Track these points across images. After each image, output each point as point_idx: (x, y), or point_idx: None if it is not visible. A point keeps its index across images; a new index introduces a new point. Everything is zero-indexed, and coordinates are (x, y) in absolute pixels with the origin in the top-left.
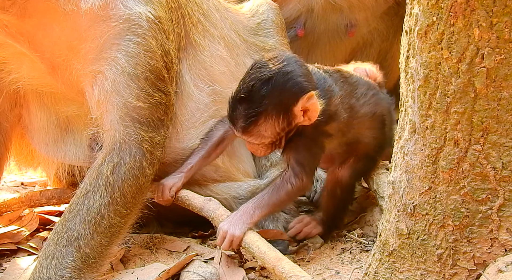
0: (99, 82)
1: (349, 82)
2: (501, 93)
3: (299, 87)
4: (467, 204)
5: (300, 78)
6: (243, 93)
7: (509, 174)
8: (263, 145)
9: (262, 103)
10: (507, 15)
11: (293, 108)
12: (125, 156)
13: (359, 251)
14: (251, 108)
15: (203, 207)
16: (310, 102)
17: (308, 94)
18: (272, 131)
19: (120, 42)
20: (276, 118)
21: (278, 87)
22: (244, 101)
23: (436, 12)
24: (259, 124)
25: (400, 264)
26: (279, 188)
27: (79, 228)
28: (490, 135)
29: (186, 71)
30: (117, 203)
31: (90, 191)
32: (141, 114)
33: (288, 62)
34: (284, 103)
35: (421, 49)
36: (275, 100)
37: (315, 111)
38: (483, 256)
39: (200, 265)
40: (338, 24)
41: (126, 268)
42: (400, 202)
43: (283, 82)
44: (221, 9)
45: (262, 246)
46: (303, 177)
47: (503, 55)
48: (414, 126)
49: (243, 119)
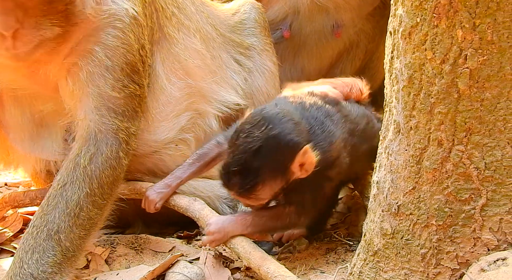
0: (74, 73)
1: (350, 120)
2: (484, 94)
3: (292, 146)
4: (450, 204)
5: (289, 136)
6: (235, 167)
7: (492, 174)
8: (262, 204)
9: (258, 174)
10: (490, 17)
11: (290, 167)
12: (102, 146)
13: (344, 251)
14: (246, 180)
15: (188, 207)
16: (305, 157)
17: (303, 150)
18: (271, 193)
19: (98, 34)
20: (274, 181)
21: (271, 154)
22: (238, 173)
23: (419, 13)
24: (257, 191)
25: (385, 263)
26: (278, 218)
27: (59, 221)
28: (473, 136)
29: (159, 64)
30: (95, 194)
31: (68, 182)
32: (116, 104)
33: (272, 123)
34: (280, 166)
35: (405, 50)
36: (270, 167)
37: (311, 164)
38: (466, 256)
39: (186, 266)
40: (324, 25)
41: (111, 268)
42: (384, 202)
43: (275, 147)
44: (197, 2)
45: (247, 246)
46: (302, 217)
47: (485, 56)
48: (399, 126)
49: (239, 187)
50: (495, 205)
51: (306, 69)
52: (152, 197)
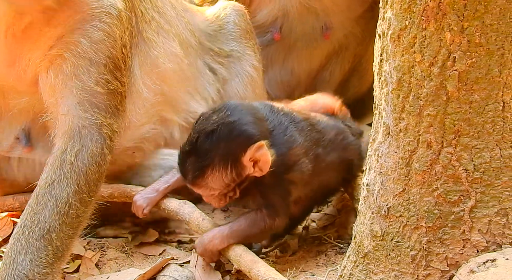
0: (57, 66)
1: (317, 130)
2: (473, 96)
3: (245, 137)
4: (440, 206)
5: (245, 126)
6: (188, 147)
7: (481, 176)
8: (214, 196)
9: (207, 157)
10: (478, 19)
11: (241, 159)
12: (87, 142)
13: (334, 254)
14: (197, 162)
15: (178, 210)
16: (259, 153)
17: (257, 144)
18: (221, 183)
19: (84, 27)
20: (224, 170)
21: (223, 139)
22: (191, 154)
23: (408, 16)
24: (206, 177)
25: (375, 265)
26: (255, 225)
27: (50, 220)
28: (462, 138)
29: (137, 68)
30: (83, 191)
31: (55, 180)
32: (99, 99)
33: (232, 111)
34: (231, 154)
35: (394, 52)
36: (220, 152)
37: (266, 162)
38: (455, 257)
39: (176, 269)
40: (314, 27)
41: (101, 272)
42: (374, 204)
43: (228, 133)
44: (178, 7)
45: (237, 249)
46: (276, 218)
47: (474, 59)
48: (388, 129)
49: (191, 173)
50: (484, 207)
51: (296, 71)
52: (140, 202)
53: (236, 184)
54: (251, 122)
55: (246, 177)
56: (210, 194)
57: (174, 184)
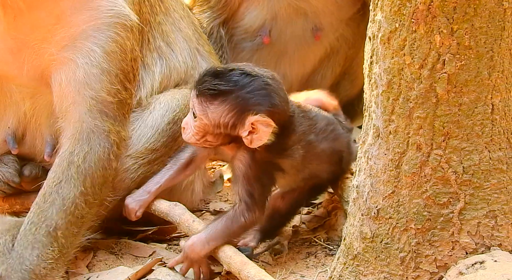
0: (70, 70)
1: (308, 117)
2: (462, 99)
3: (269, 103)
4: (429, 208)
5: (275, 97)
6: (220, 68)
7: (470, 178)
8: (198, 127)
9: (229, 87)
10: (467, 22)
11: (247, 116)
12: (95, 146)
13: (324, 255)
14: (218, 84)
15: (169, 212)
16: (263, 127)
17: (268, 119)
18: (217, 118)
19: (99, 35)
20: (229, 110)
21: (251, 88)
22: (218, 75)
23: (398, 19)
24: (214, 100)
25: (364, 267)
26: (233, 221)
27: (57, 218)
28: (451, 140)
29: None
30: (88, 193)
31: (63, 180)
32: (109, 108)
33: (274, 79)
34: (244, 105)
35: (384, 55)
36: (239, 94)
37: (260, 139)
38: (444, 259)
39: (168, 273)
40: (304, 29)
41: (90, 273)
42: (364, 206)
43: (259, 88)
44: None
45: (227, 251)
46: (256, 210)
47: (463, 61)
48: (378, 131)
49: (205, 87)
50: (473, 209)
51: (288, 75)
52: (132, 205)
53: (224, 133)
54: (282, 102)
55: (234, 136)
56: (201, 121)
57: (165, 184)
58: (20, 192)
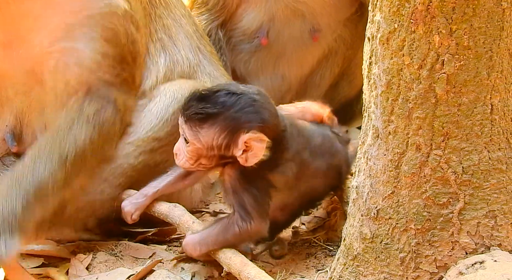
0: (69, 58)
1: (304, 135)
2: (461, 99)
3: (259, 119)
4: (429, 208)
5: (265, 112)
6: (205, 92)
7: (469, 178)
8: (189, 151)
9: (217, 108)
10: (466, 23)
11: (240, 135)
12: (103, 106)
13: (324, 256)
14: (205, 107)
15: (168, 213)
16: (257, 144)
17: (260, 135)
18: (209, 140)
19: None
20: (220, 131)
21: (240, 106)
22: (204, 99)
23: (397, 19)
24: (204, 124)
25: (364, 267)
26: (227, 230)
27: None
28: (450, 140)
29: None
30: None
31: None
32: (113, 86)
33: (261, 94)
34: (235, 124)
35: (383, 55)
36: (229, 115)
37: (256, 156)
38: (444, 259)
39: (168, 276)
40: (302, 30)
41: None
42: (363, 206)
43: (247, 105)
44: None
45: (227, 252)
46: (251, 221)
47: (462, 62)
48: (377, 131)
49: (194, 112)
50: (473, 209)
51: (287, 76)
52: (128, 208)
53: (218, 154)
54: (270, 115)
55: (229, 157)
56: (192, 146)
57: (163, 189)
58: None
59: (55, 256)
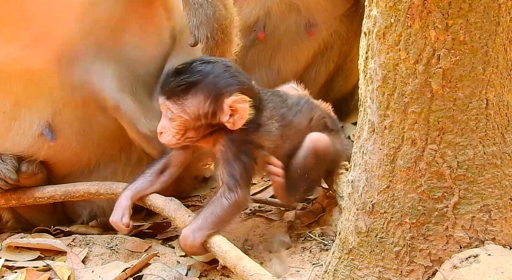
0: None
1: (277, 94)
2: (457, 94)
3: (237, 82)
4: (423, 202)
5: (240, 75)
6: (180, 66)
7: (464, 173)
8: (177, 126)
9: (197, 77)
10: (462, 17)
11: (223, 99)
12: None
13: (319, 250)
14: (185, 78)
15: (164, 207)
16: (242, 105)
17: (243, 97)
18: (196, 110)
19: None
20: (204, 98)
21: (218, 72)
22: (181, 73)
23: (394, 14)
24: (187, 95)
25: (359, 261)
26: (216, 207)
27: None
28: (446, 135)
29: None
30: None
31: None
32: None
33: (232, 63)
34: (217, 88)
35: (379, 50)
36: (209, 81)
37: (242, 117)
38: (439, 253)
39: (164, 269)
40: (298, 25)
41: (86, 267)
42: (359, 200)
43: (224, 69)
44: None
45: (223, 245)
46: (238, 190)
47: (458, 57)
48: (373, 126)
49: (174, 85)
50: (467, 203)
51: (283, 71)
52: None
53: (205, 124)
54: (246, 80)
55: (216, 124)
56: (179, 117)
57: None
58: (17, 187)
59: (51, 250)
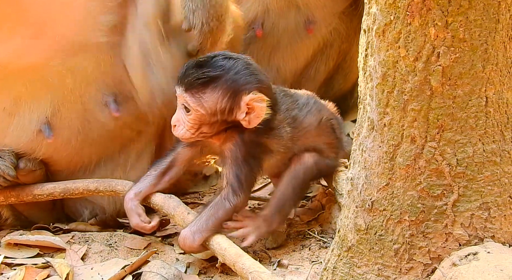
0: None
1: (289, 95)
2: (456, 91)
3: (256, 80)
4: (423, 200)
5: (260, 74)
6: (202, 59)
7: (464, 170)
8: (193, 120)
9: (217, 71)
10: (462, 15)
11: (241, 97)
12: None
13: (318, 248)
14: (206, 72)
15: (163, 204)
16: (259, 104)
17: (261, 95)
18: (213, 105)
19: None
20: (223, 94)
21: (238, 69)
22: (201, 65)
23: (393, 11)
24: (207, 89)
25: (358, 259)
26: (218, 209)
27: None
28: (445, 133)
29: None
30: None
31: None
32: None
33: (252, 60)
34: (236, 85)
35: (379, 47)
36: (229, 77)
37: (258, 116)
38: (438, 251)
39: (163, 266)
40: (297, 22)
41: (85, 264)
42: (358, 198)
43: (245, 67)
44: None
45: (222, 243)
46: (241, 194)
47: (457, 54)
48: (372, 123)
49: (193, 78)
50: (467, 201)
51: (282, 69)
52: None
53: (221, 120)
54: (265, 77)
55: (231, 121)
56: (196, 111)
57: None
58: (16, 184)
59: (50, 247)
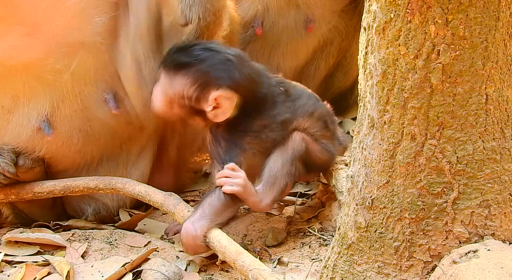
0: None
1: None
2: (456, 89)
3: (230, 78)
4: (423, 197)
5: (235, 72)
6: (185, 44)
7: (464, 168)
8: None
9: (190, 60)
10: (462, 13)
11: (210, 91)
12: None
13: (318, 245)
14: (181, 57)
15: (163, 202)
16: (226, 102)
17: (231, 93)
18: (180, 90)
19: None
20: (191, 83)
21: (212, 62)
22: (180, 50)
23: (393, 9)
24: (177, 73)
25: (358, 256)
26: (212, 198)
27: None
28: (445, 130)
29: None
30: None
31: None
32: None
33: (238, 57)
34: (206, 78)
35: (379, 45)
36: (201, 68)
37: (224, 113)
38: (438, 248)
39: (163, 264)
40: (296, 21)
41: (85, 262)
42: (358, 195)
43: (222, 62)
44: None
45: (222, 240)
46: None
47: (458, 52)
48: (373, 121)
49: (170, 60)
50: (467, 199)
51: (282, 67)
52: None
53: (189, 106)
54: (246, 76)
55: (199, 110)
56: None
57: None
58: (16, 182)
59: (50, 244)
